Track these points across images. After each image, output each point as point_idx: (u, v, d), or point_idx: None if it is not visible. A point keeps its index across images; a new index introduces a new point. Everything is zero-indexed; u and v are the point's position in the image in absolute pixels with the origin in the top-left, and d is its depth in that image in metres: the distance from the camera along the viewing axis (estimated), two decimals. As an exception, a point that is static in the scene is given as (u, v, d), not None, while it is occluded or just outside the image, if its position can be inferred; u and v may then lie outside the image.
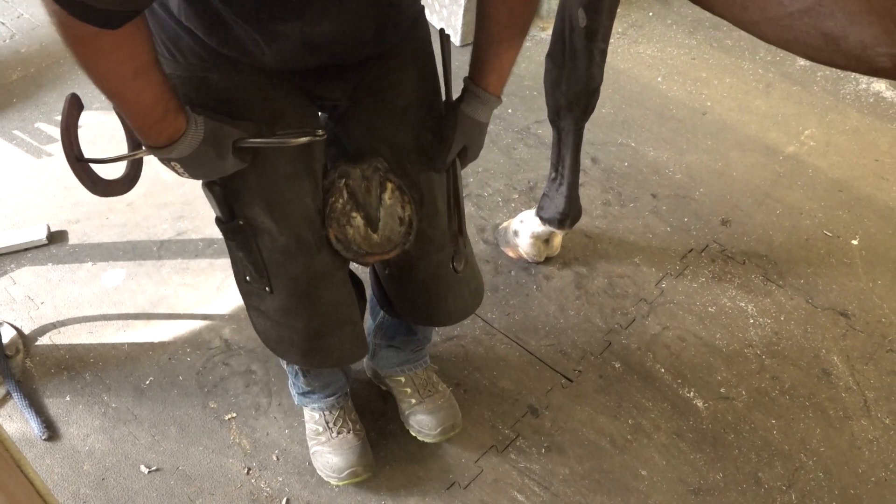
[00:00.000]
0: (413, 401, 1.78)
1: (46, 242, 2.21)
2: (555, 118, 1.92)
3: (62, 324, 2.01)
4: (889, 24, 0.87)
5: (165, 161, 1.14)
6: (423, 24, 1.38)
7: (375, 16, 1.17)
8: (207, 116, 1.13)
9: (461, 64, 3.07)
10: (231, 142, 1.16)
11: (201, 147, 1.12)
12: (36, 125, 2.60)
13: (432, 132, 1.37)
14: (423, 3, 1.34)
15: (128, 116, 1.07)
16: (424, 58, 1.38)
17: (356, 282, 1.51)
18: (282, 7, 1.07)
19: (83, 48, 0.94)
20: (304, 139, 1.19)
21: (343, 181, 1.30)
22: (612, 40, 3.07)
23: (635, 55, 3.06)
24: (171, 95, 1.06)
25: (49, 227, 2.23)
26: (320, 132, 1.20)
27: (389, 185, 1.32)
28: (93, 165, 1.17)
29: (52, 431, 1.79)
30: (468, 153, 1.37)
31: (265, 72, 1.21)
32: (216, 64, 1.18)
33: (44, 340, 1.97)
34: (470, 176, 2.50)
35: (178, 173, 1.18)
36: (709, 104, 2.85)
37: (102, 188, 1.22)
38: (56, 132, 2.58)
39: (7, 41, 2.98)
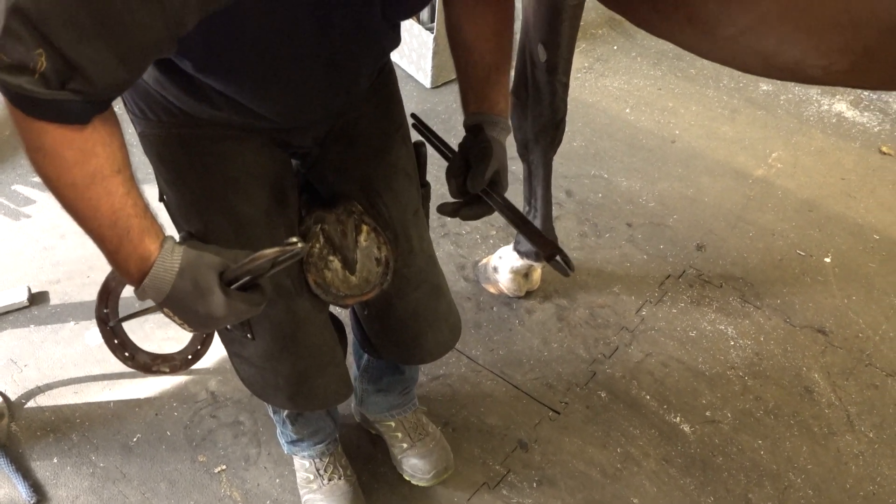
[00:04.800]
0: (405, 445, 1.78)
1: (28, 304, 2.21)
2: (523, 152, 1.96)
3: (47, 386, 2.00)
4: (817, 40, 0.92)
5: (164, 312, 1.03)
6: (390, 66, 1.42)
7: (354, 79, 1.21)
8: (190, 245, 1.03)
9: (433, 105, 3.11)
10: (216, 274, 1.01)
11: (178, 282, 1.00)
12: (13, 187, 2.61)
13: (405, 172, 1.40)
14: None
15: (91, 238, 0.97)
16: (393, 100, 1.42)
17: (337, 323, 1.53)
18: (272, 85, 1.09)
19: (29, 147, 0.89)
20: (288, 251, 1.01)
21: (319, 226, 1.32)
22: (579, 75, 3.16)
23: (602, 88, 3.13)
24: (135, 212, 0.97)
25: (30, 289, 2.23)
26: (294, 240, 1.02)
27: (364, 228, 1.34)
28: (131, 334, 1.10)
29: (40, 495, 1.78)
30: (501, 178, 1.30)
31: (236, 125, 1.24)
32: (189, 120, 1.20)
33: (29, 403, 1.96)
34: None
35: (180, 325, 1.05)
36: (677, 132, 2.91)
37: (143, 362, 1.10)
38: (34, 193, 2.59)
39: (-18, 107, 3.00)
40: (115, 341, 1.13)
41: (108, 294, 1.10)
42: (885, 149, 2.84)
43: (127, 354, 1.14)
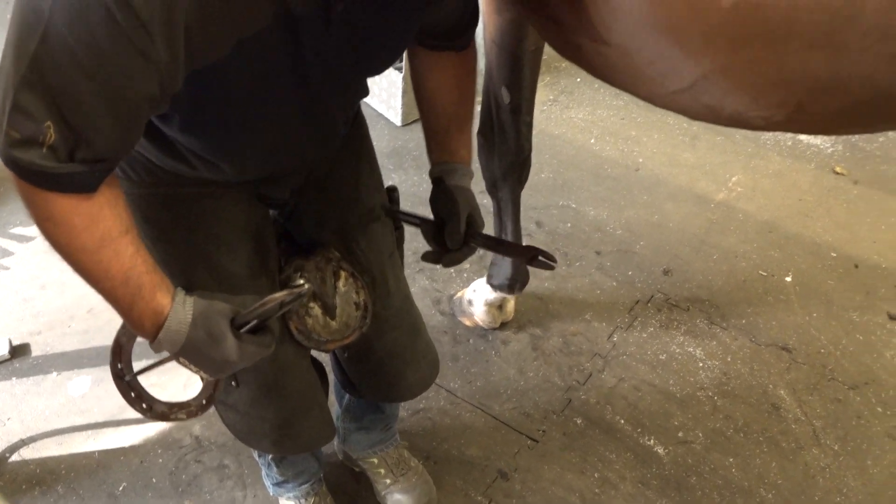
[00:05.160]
0: (388, 481, 1.82)
1: (9, 357, 2.22)
2: (492, 189, 2.03)
3: (31, 438, 2.01)
4: (755, 94, 1.01)
5: (179, 361, 1.08)
6: (362, 118, 1.48)
7: (330, 129, 1.27)
8: (200, 295, 1.08)
9: (404, 142, 3.18)
10: (227, 321, 1.07)
11: (192, 332, 1.05)
12: (-10, 241, 2.64)
13: (379, 218, 1.46)
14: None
15: (105, 299, 1.02)
16: (365, 146, 1.48)
17: (318, 365, 1.57)
18: (253, 137, 1.15)
19: (38, 217, 0.93)
20: (294, 293, 1.15)
21: (298, 274, 1.37)
22: (544, 108, 3.26)
23: (568, 120, 3.23)
24: (145, 268, 1.02)
25: (10, 342, 2.25)
26: (300, 282, 1.18)
27: (343, 273, 1.40)
28: (147, 385, 1.14)
29: (27, 548, 1.79)
30: (474, 219, 1.39)
31: (217, 182, 1.29)
32: (171, 179, 1.25)
33: (13, 457, 1.97)
34: (423, 249, 2.58)
35: (194, 373, 1.10)
36: (640, 160, 3.01)
37: (160, 412, 1.15)
38: (12, 245, 2.61)
39: (-45, 161, 3.02)
40: (132, 394, 1.17)
41: (120, 349, 1.14)
42: (838, 169, 2.96)
43: (145, 406, 1.18)
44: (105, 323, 2.34)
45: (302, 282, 1.08)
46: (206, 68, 0.94)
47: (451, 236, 1.36)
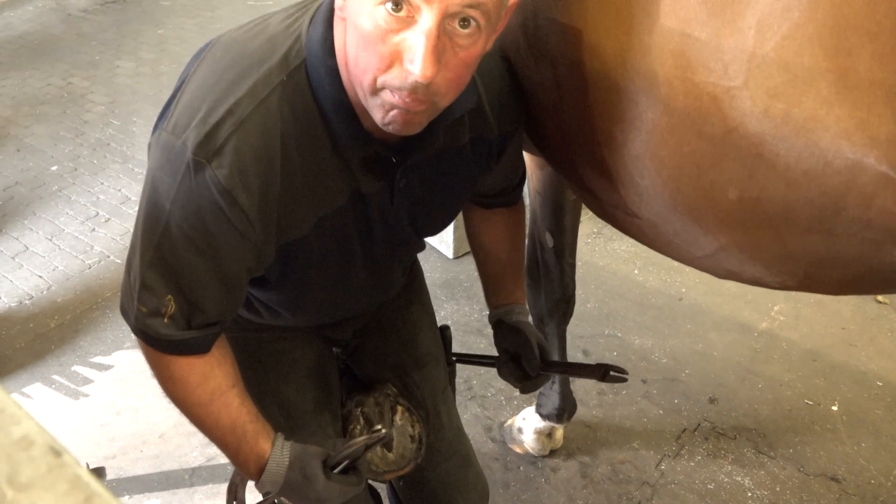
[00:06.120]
0: None
1: (86, 481, 2.37)
2: (539, 325, 2.16)
3: (104, 560, 2.12)
4: (766, 265, 1.15)
5: (280, 501, 1.21)
6: (418, 266, 1.66)
7: (389, 281, 1.43)
8: (297, 439, 1.22)
9: (455, 274, 3.34)
10: (319, 462, 1.19)
11: (289, 474, 1.17)
12: (73, 368, 2.84)
13: (433, 356, 1.61)
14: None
15: (216, 445, 1.17)
16: (419, 289, 1.65)
17: (374, 494, 1.68)
18: (328, 291, 1.31)
19: (161, 377, 1.11)
20: (376, 437, 1.27)
21: (359, 409, 1.52)
22: (588, 240, 3.42)
23: (611, 252, 3.38)
24: (249, 417, 1.16)
25: (88, 465, 2.40)
26: (378, 427, 1.36)
27: (400, 408, 1.53)
28: None
29: None
30: (545, 348, 1.54)
31: (285, 327, 1.46)
32: (247, 325, 1.42)
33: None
34: (474, 378, 2.71)
35: None
36: (683, 290, 3.12)
37: None
38: (91, 373, 2.81)
39: (45, 292, 3.29)
40: None
41: (234, 489, 1.29)
42: (880, 298, 3.02)
43: None
44: (175, 448, 2.48)
45: (380, 427, 1.23)
46: (291, 242, 1.12)
47: (529, 363, 1.50)
